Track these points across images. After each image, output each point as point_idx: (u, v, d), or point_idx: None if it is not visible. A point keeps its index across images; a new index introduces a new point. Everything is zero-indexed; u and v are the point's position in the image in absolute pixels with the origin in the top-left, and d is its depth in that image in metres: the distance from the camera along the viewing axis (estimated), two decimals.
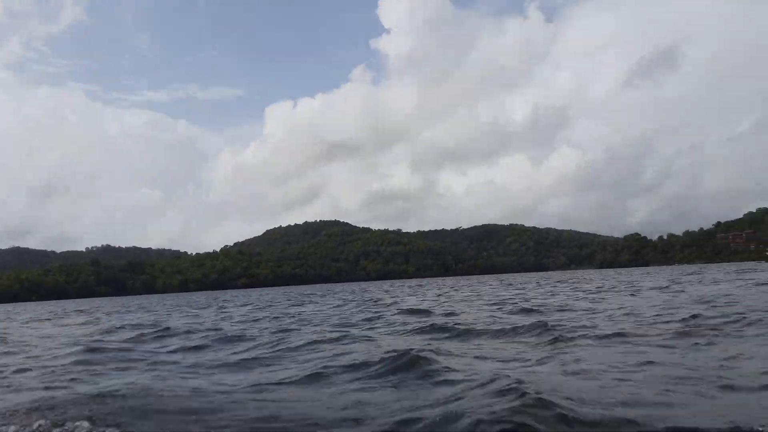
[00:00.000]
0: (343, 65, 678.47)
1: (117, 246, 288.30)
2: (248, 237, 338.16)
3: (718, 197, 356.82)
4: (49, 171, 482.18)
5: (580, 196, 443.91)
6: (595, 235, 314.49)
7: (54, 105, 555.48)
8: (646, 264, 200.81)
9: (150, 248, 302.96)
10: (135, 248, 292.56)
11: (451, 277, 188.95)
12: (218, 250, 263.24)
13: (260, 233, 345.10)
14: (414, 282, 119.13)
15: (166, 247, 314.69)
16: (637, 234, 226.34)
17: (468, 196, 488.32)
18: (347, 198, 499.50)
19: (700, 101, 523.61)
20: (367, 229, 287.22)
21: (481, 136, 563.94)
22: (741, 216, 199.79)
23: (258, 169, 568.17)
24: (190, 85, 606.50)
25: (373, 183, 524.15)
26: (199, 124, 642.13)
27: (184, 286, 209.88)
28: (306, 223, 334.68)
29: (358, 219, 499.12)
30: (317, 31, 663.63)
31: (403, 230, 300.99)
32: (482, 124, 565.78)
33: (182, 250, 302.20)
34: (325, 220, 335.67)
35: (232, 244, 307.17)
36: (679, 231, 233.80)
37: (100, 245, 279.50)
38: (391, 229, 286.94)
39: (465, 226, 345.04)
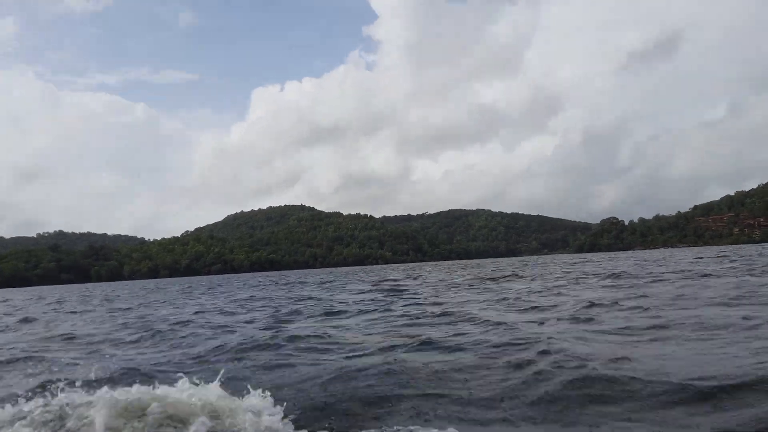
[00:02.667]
0: (335, 50, 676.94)
1: (71, 232, 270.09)
2: (209, 223, 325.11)
3: (680, 184, 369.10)
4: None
5: (548, 181, 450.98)
6: (561, 220, 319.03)
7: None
8: (629, 247, 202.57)
9: (105, 234, 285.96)
10: (90, 234, 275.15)
11: (447, 262, 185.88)
12: (178, 236, 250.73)
13: (220, 219, 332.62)
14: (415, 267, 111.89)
15: (122, 233, 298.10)
16: (614, 218, 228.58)
17: (440, 182, 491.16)
18: (318, 184, 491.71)
19: (685, 87, 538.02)
20: (338, 214, 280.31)
21: (465, 122, 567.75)
22: (718, 199, 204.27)
23: (225, 154, 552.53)
24: (143, 69, 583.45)
25: (350, 168, 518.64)
26: (157, 108, 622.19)
27: (154, 273, 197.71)
28: (270, 208, 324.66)
29: (324, 205, 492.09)
30: (305, 14, 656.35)
31: (370, 215, 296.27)
32: (467, 110, 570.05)
33: (139, 236, 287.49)
34: (290, 205, 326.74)
35: (192, 230, 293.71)
36: (643, 216, 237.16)
37: (52, 231, 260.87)
38: (362, 213, 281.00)
39: (431, 211, 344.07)
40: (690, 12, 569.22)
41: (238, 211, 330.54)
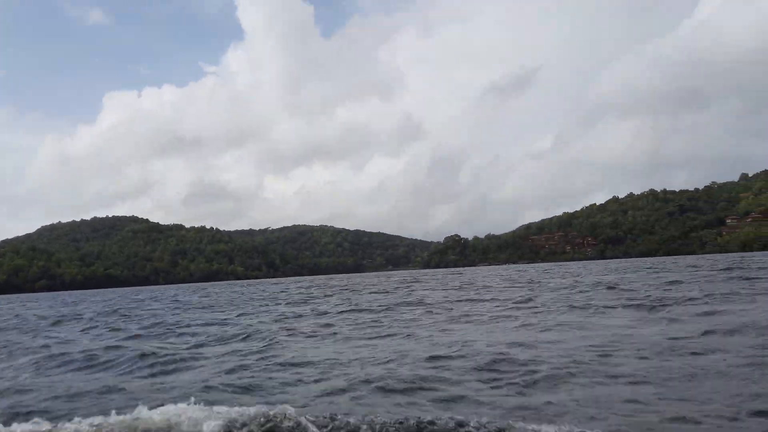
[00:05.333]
0: (199, 63, 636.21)
1: None
2: (18, 235, 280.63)
3: (503, 207, 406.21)
4: None
5: (392, 201, 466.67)
6: (401, 237, 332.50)
7: None
8: (473, 264, 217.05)
9: None
10: None
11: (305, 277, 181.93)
12: None
13: (33, 230, 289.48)
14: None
15: None
16: (456, 235, 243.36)
17: (291, 198, 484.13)
18: (158, 196, 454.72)
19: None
20: (180, 227, 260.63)
21: (326, 141, 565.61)
22: (538, 220, 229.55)
23: (47, 161, 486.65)
24: None
25: (200, 181, 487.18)
26: None
27: None
28: (95, 218, 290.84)
29: (162, 217, 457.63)
30: (169, 25, 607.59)
31: (216, 228, 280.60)
32: (330, 130, 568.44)
33: None
34: (120, 216, 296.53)
35: None
36: (473, 234, 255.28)
37: None
38: (207, 227, 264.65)
39: (274, 227, 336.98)
40: (544, 53, 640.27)
41: (55, 221, 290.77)
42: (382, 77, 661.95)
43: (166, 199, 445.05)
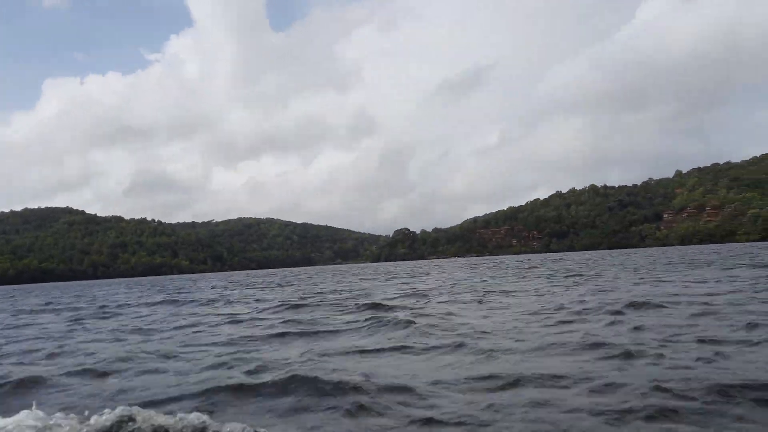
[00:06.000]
0: (145, 51, 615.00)
1: None
2: None
3: (450, 202, 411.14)
4: None
5: (341, 194, 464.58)
6: (349, 231, 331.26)
7: None
8: (422, 257, 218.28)
9: None
10: None
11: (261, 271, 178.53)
12: None
13: None
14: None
15: None
16: (405, 229, 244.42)
17: (238, 191, 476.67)
18: (99, 188, 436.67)
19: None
20: (119, 218, 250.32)
21: (276, 134, 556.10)
22: (482, 215, 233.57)
23: None
24: None
25: (143, 172, 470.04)
26: None
27: None
28: (27, 210, 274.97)
29: (100, 209, 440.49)
30: (117, 10, 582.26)
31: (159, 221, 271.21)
32: (281, 123, 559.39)
33: None
34: (53, 207, 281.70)
35: None
36: (419, 228, 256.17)
37: None
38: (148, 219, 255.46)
39: (218, 219, 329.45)
40: (495, 52, 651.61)
41: None
42: (339, 71, 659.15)
43: (106, 190, 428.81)
